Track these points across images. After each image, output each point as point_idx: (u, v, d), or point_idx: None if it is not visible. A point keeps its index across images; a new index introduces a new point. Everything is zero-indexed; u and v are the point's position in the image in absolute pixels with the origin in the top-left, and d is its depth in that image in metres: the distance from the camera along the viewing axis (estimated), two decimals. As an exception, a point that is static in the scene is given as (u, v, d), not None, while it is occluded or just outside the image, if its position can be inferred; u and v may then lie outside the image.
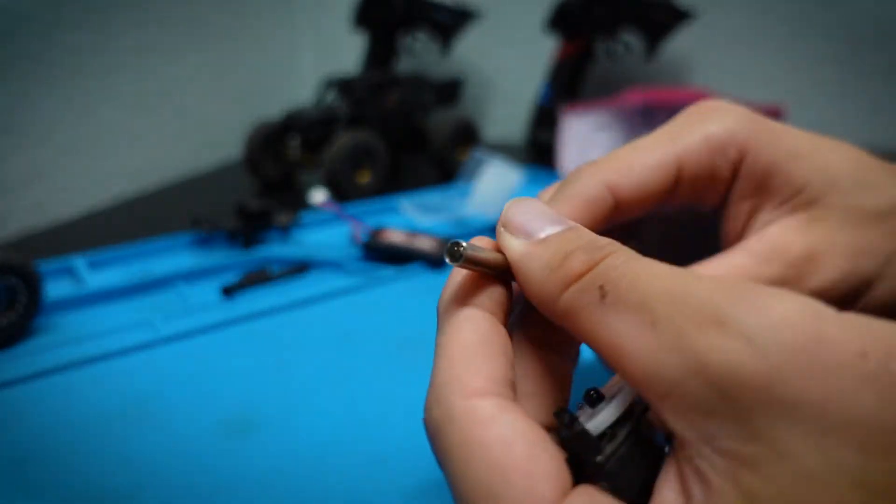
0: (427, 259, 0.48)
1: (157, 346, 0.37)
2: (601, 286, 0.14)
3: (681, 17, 0.83)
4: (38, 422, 0.30)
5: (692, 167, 0.21)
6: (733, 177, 0.22)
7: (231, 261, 0.48)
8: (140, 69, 0.76)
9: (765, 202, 0.22)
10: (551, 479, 0.13)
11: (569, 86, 0.89)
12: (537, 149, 0.89)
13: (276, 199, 0.63)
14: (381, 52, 0.89)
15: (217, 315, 0.41)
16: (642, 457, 0.15)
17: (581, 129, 0.75)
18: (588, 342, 0.15)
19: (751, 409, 0.12)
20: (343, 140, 0.68)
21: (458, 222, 0.60)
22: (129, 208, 0.71)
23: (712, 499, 0.12)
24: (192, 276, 0.47)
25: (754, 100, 0.78)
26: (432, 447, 0.15)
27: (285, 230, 0.54)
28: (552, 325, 0.17)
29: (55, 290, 0.43)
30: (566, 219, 0.17)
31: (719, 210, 0.23)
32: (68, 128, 0.67)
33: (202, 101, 0.88)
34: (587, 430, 0.15)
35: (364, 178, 0.71)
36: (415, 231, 0.52)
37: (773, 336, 0.12)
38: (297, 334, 0.39)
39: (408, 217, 0.62)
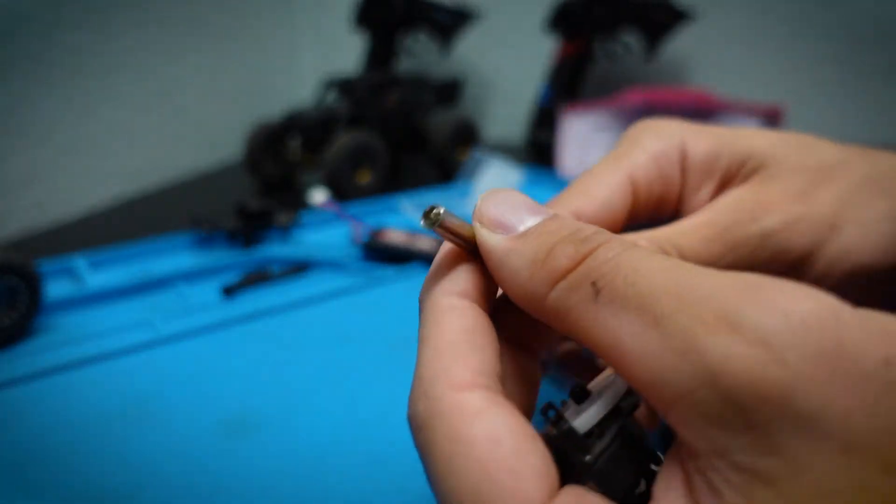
0: (427, 259, 0.48)
1: (157, 346, 0.37)
2: (593, 282, 0.13)
3: (680, 17, 0.83)
4: (38, 422, 0.30)
5: (644, 179, 0.22)
6: (683, 175, 0.23)
7: (231, 261, 0.49)
8: (140, 69, 0.76)
9: (718, 187, 0.23)
10: (539, 478, 0.13)
11: (569, 86, 0.89)
12: (537, 149, 0.89)
13: (276, 199, 0.63)
14: (381, 53, 0.89)
15: (217, 315, 0.41)
16: (631, 456, 0.14)
17: (581, 129, 0.75)
18: (584, 343, 0.14)
19: (769, 422, 0.11)
20: (343, 140, 0.68)
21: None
22: (129, 208, 0.71)
23: None
24: (192, 276, 0.47)
25: (754, 100, 0.78)
26: (416, 442, 0.14)
27: (285, 230, 0.54)
28: (524, 325, 0.17)
29: (55, 290, 0.43)
30: (544, 207, 0.16)
31: (679, 212, 0.23)
32: (68, 128, 0.67)
33: (202, 101, 0.88)
34: (574, 429, 0.14)
35: (364, 178, 0.71)
36: (415, 231, 0.52)
37: (793, 341, 0.11)
38: (297, 334, 0.39)
39: (408, 217, 0.62)
